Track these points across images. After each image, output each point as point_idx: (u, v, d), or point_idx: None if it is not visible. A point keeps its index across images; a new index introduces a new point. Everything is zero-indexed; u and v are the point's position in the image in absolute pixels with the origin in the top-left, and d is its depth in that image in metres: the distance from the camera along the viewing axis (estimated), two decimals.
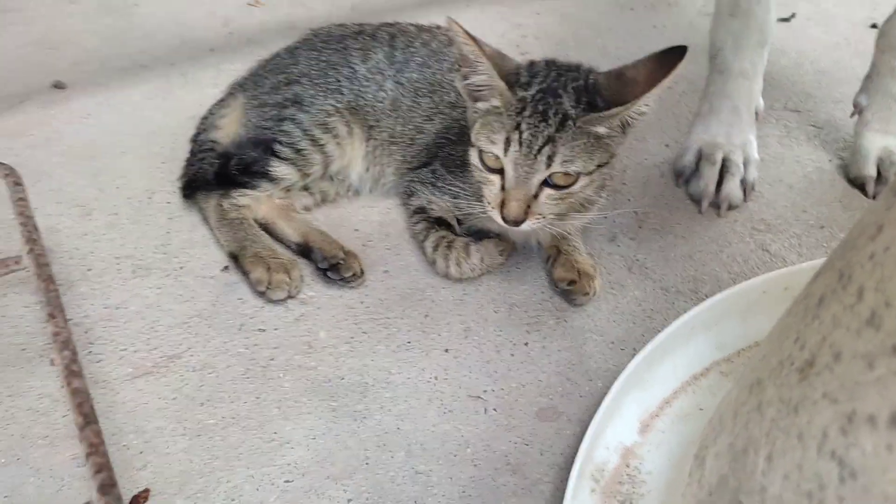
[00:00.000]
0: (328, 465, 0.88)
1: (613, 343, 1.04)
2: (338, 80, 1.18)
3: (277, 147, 1.14)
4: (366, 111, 1.18)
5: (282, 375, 0.97)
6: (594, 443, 0.86)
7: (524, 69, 0.99)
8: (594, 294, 1.08)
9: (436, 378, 0.98)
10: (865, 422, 0.50)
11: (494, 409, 0.95)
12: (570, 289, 1.07)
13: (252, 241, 1.09)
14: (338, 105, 1.17)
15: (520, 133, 0.93)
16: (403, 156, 1.18)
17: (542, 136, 0.93)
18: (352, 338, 1.03)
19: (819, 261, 1.01)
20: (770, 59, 1.30)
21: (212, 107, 1.28)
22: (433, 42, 1.22)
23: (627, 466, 0.87)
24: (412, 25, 1.26)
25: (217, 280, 1.09)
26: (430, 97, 1.17)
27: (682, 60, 0.91)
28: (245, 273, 1.07)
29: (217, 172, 1.14)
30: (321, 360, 0.99)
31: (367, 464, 0.88)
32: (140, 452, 0.87)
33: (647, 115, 0.96)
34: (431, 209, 1.13)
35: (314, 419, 0.92)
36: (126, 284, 1.07)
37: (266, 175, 1.13)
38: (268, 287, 1.04)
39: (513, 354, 1.02)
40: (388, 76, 1.18)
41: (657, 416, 0.94)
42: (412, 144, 1.17)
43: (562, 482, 0.86)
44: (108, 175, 1.24)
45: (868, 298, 0.54)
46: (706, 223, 1.24)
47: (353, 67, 1.19)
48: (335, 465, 0.88)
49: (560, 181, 0.95)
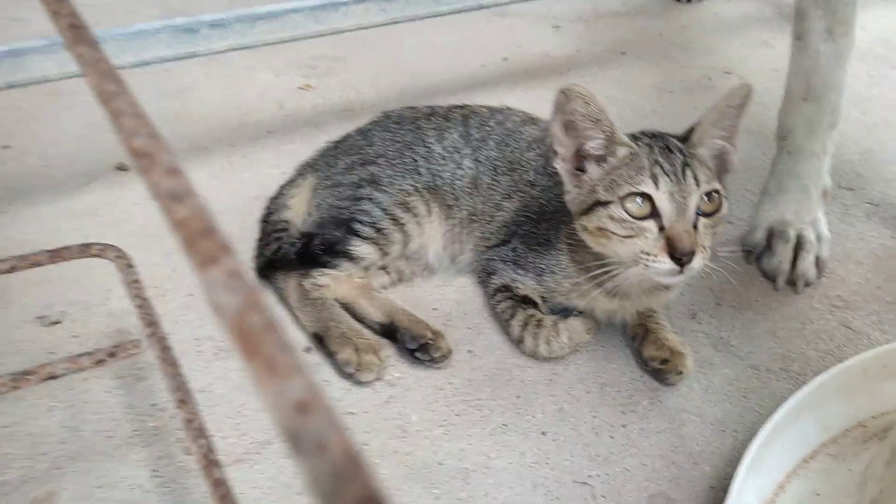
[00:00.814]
0: None
1: (713, 424, 1.02)
2: (414, 160, 1.19)
3: (358, 226, 1.13)
4: (444, 190, 1.18)
5: (378, 461, 0.94)
6: None
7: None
8: (687, 372, 1.06)
9: (537, 462, 0.95)
10: None
11: (603, 496, 0.91)
12: (663, 367, 1.05)
13: (336, 322, 1.07)
14: (416, 185, 1.17)
15: (661, 166, 0.95)
16: (483, 233, 1.18)
17: (679, 163, 0.95)
18: (445, 420, 0.99)
19: None
20: None
21: (281, 187, 1.29)
22: (507, 122, 1.23)
23: None
24: (484, 107, 1.28)
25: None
26: (510, 175, 1.17)
27: (750, 96, 1.00)
28: (331, 354, 1.05)
29: (299, 252, 1.13)
30: (417, 445, 0.96)
31: None
32: None
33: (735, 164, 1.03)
34: (517, 287, 1.11)
35: None
36: (209, 367, 1.04)
37: (347, 254, 1.12)
38: (357, 369, 1.02)
39: (612, 437, 0.99)
40: (466, 154, 1.19)
41: (774, 503, 0.91)
42: (491, 222, 1.17)
43: None
44: (181, 255, 1.22)
45: None
46: (783, 300, 1.23)
47: (429, 147, 1.20)
48: None
49: (708, 208, 0.96)
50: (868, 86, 1.94)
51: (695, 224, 0.94)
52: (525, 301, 1.11)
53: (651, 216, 0.94)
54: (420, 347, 1.05)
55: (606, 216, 0.96)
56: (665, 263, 0.93)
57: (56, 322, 1.10)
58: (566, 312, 1.12)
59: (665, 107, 1.82)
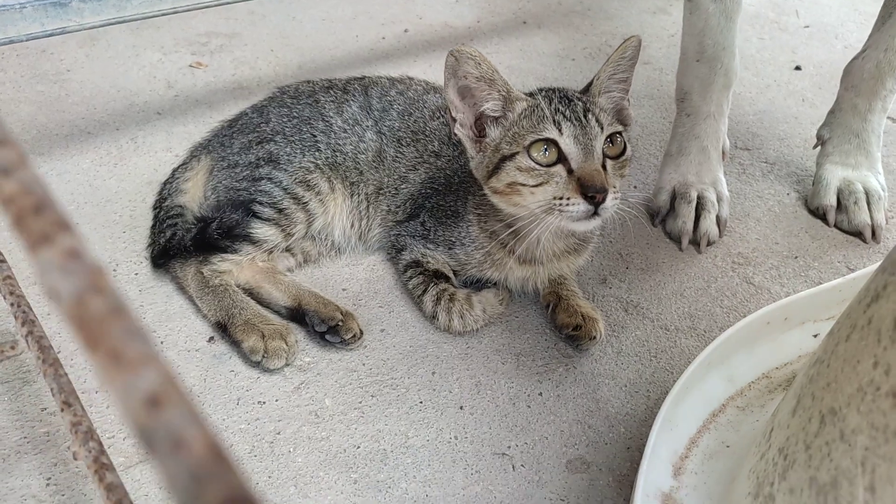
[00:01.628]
0: None
1: (626, 386, 1.02)
2: (313, 136, 1.14)
3: (258, 208, 1.08)
4: (347, 165, 1.14)
5: (292, 450, 0.90)
6: (634, 492, 0.83)
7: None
8: (600, 337, 1.06)
9: (455, 437, 0.93)
10: None
11: (522, 466, 0.91)
12: (577, 334, 1.05)
13: (240, 309, 1.02)
14: (317, 161, 1.12)
15: (562, 114, 0.95)
16: (390, 207, 1.14)
17: (580, 109, 0.95)
18: (360, 402, 0.96)
19: (816, 289, 1.04)
20: None
21: (174, 170, 1.21)
22: (409, 91, 1.20)
23: None
24: (384, 77, 1.24)
25: (203, 353, 1.01)
26: (414, 146, 1.14)
27: (639, 46, 1.01)
28: (236, 342, 1.00)
29: (195, 238, 1.06)
30: (332, 430, 0.93)
31: None
32: None
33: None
34: (427, 262, 1.09)
35: (335, 494, 0.85)
36: None
37: (248, 237, 1.07)
38: (264, 356, 0.97)
39: (529, 406, 0.98)
40: (368, 127, 1.15)
41: (687, 458, 0.92)
42: (398, 195, 1.14)
43: None
44: None
45: None
46: (689, 260, 1.26)
47: (329, 121, 1.15)
48: None
49: (612, 151, 0.97)
50: (759, 49, 2.00)
51: (603, 165, 0.95)
52: (437, 276, 1.08)
53: (559, 161, 0.94)
54: (330, 330, 1.01)
55: (514, 168, 0.95)
56: (580, 205, 0.92)
57: None
58: (479, 285, 1.11)
59: (568, 74, 1.82)
